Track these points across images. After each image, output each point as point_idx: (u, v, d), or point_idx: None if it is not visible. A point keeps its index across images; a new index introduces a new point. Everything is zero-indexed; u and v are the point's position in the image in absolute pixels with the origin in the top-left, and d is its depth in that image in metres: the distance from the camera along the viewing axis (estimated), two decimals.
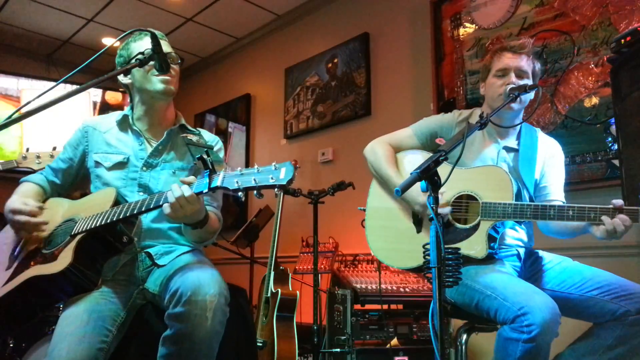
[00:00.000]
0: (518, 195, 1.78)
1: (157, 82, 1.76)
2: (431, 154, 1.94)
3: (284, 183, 1.28)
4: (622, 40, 1.95)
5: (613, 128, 2.50)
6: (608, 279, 1.64)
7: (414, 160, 1.95)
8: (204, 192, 1.43)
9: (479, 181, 1.73)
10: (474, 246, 1.69)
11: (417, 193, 1.76)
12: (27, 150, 2.33)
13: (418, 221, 1.86)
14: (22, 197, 1.72)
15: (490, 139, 1.93)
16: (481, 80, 1.98)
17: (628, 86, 1.99)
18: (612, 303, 1.57)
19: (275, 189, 1.30)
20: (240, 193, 1.34)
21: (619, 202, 1.55)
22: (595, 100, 2.65)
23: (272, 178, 1.29)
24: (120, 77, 1.83)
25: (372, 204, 2.00)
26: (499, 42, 3.07)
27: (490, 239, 1.73)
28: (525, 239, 1.89)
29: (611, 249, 2.50)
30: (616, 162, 2.47)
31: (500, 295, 1.60)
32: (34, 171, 2.27)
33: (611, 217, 1.55)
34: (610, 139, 2.57)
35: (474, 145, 1.91)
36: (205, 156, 1.41)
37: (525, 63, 1.84)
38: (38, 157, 2.30)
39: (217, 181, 1.38)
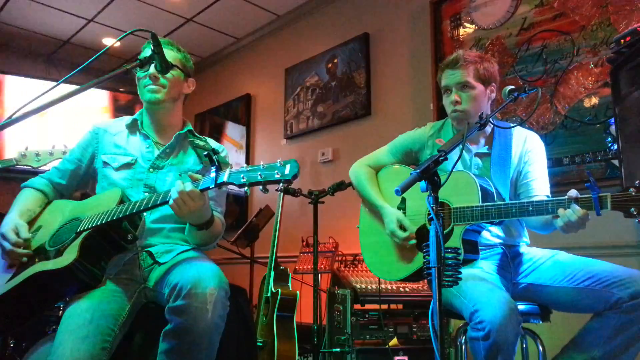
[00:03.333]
0: (490, 197, 1.77)
1: (145, 92, 1.82)
2: (405, 167, 2.01)
3: (289, 178, 1.33)
4: (622, 40, 1.96)
5: (613, 128, 2.50)
6: (599, 267, 1.65)
7: (393, 174, 2.05)
8: (210, 187, 1.46)
9: (449, 188, 1.75)
10: None
11: (388, 221, 1.86)
12: (27, 148, 2.33)
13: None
14: (16, 218, 1.71)
15: (461, 146, 1.95)
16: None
17: (628, 86, 1.99)
18: (604, 292, 1.57)
19: (280, 184, 1.34)
20: (246, 188, 1.37)
21: (573, 192, 1.52)
22: (595, 100, 2.65)
23: (277, 173, 1.34)
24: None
25: (364, 221, 2.08)
26: (498, 43, 3.08)
27: (468, 243, 1.73)
28: (506, 235, 1.89)
29: (611, 249, 2.50)
30: (616, 162, 2.47)
31: (462, 293, 1.64)
32: (33, 170, 2.28)
33: (565, 208, 1.53)
34: (610, 139, 2.57)
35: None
36: (212, 154, 1.45)
37: (463, 75, 1.88)
38: (37, 154, 2.30)
39: (224, 176, 1.41)
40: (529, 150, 1.92)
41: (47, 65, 5.53)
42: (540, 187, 1.88)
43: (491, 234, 1.88)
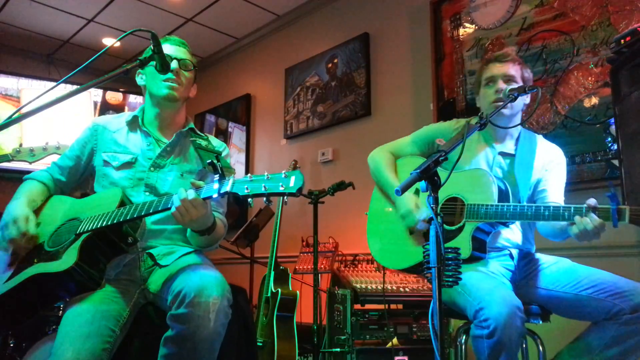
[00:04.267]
0: (505, 198, 1.78)
1: (162, 87, 1.79)
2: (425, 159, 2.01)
3: (294, 191, 1.30)
4: (622, 40, 1.95)
5: (613, 128, 2.50)
6: (602, 277, 1.65)
7: (411, 164, 2.01)
8: (213, 196, 1.44)
9: (466, 184, 1.76)
10: (459, 246, 1.72)
11: (405, 203, 1.86)
12: (21, 145, 2.34)
13: None
14: (25, 206, 1.69)
15: (485, 143, 1.96)
16: (475, 94, 2.03)
17: (628, 86, 1.99)
18: (606, 301, 1.58)
19: (285, 197, 1.32)
20: (249, 199, 1.35)
21: (592, 201, 1.54)
22: (594, 100, 2.65)
23: (282, 186, 1.31)
24: (138, 79, 1.87)
25: (373, 207, 2.07)
26: (498, 43, 3.08)
27: (477, 241, 1.73)
28: (519, 240, 1.89)
29: (611, 249, 2.50)
30: (616, 162, 2.47)
31: (467, 291, 1.64)
32: (31, 169, 2.28)
33: (582, 216, 1.54)
34: (609, 139, 2.57)
35: (470, 150, 1.94)
36: (215, 161, 1.42)
37: (511, 69, 1.88)
38: (31, 150, 2.31)
39: (227, 186, 1.39)
40: (551, 160, 1.94)
41: (47, 65, 5.53)
42: (554, 194, 1.89)
43: (503, 237, 1.88)
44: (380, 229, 2.01)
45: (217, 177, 1.43)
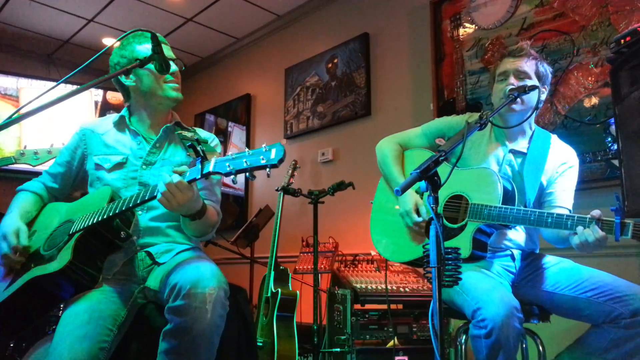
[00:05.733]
0: (511, 199, 1.76)
1: (169, 90, 1.81)
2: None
3: (275, 162, 1.30)
4: (622, 40, 1.95)
5: (613, 128, 2.50)
6: (603, 279, 1.64)
7: (418, 157, 2.00)
8: (197, 178, 1.44)
9: (472, 182, 1.75)
10: (459, 245, 1.72)
11: (405, 201, 1.85)
12: (25, 147, 2.32)
13: None
14: (16, 220, 1.70)
15: (497, 141, 1.94)
16: (490, 89, 2.01)
17: (628, 86, 1.99)
18: (606, 305, 1.57)
19: (267, 169, 1.31)
20: (232, 176, 1.35)
21: (596, 212, 1.52)
22: (594, 100, 2.65)
23: (263, 159, 1.31)
24: (123, 78, 1.85)
25: (379, 198, 2.07)
26: (498, 43, 3.08)
27: (478, 241, 1.72)
28: (521, 241, 1.88)
29: (611, 249, 2.50)
30: (616, 162, 2.47)
31: (465, 291, 1.64)
32: (34, 171, 2.27)
33: (585, 227, 1.53)
34: (610, 139, 2.57)
35: (481, 147, 1.93)
36: (196, 144, 1.43)
37: (524, 64, 1.85)
38: (36, 153, 2.30)
39: (209, 166, 1.40)
40: (564, 162, 1.91)
41: (47, 65, 5.53)
42: (562, 198, 1.87)
43: (507, 237, 1.87)
44: (384, 220, 2.00)
45: (198, 160, 1.44)
